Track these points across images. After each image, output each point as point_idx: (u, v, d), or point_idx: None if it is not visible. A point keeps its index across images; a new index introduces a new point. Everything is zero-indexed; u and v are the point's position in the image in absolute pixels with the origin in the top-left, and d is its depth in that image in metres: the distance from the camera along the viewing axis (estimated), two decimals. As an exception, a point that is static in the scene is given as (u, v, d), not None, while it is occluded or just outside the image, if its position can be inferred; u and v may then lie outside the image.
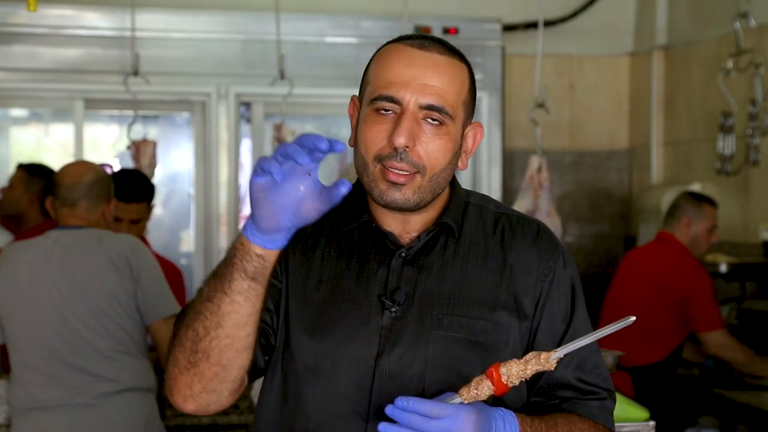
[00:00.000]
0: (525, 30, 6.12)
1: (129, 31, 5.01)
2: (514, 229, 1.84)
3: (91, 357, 3.28)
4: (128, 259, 3.36)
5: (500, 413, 1.67)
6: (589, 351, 1.81)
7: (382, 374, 1.72)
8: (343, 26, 5.48)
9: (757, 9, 5.07)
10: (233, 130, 5.44)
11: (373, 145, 1.74)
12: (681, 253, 4.68)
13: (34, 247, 3.40)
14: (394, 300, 1.75)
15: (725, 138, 5.25)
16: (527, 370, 1.62)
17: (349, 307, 1.76)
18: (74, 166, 3.62)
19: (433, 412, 1.59)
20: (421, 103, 1.73)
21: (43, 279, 3.32)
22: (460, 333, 1.74)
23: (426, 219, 1.82)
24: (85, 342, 3.28)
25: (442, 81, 1.75)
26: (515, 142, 6.24)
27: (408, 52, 1.77)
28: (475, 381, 1.63)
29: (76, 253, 3.35)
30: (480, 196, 1.91)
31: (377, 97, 1.74)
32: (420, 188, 1.74)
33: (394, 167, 1.72)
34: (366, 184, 1.77)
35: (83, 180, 3.47)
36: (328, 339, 1.75)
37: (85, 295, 3.30)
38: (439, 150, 1.74)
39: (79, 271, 3.32)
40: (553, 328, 1.80)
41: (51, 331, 3.28)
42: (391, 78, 1.74)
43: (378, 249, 1.80)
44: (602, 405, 1.82)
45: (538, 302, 1.80)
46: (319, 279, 1.80)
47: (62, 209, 3.46)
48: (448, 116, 1.74)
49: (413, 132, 1.72)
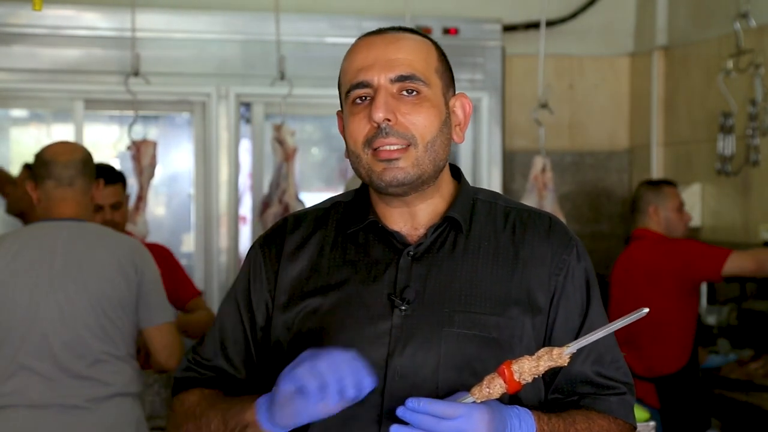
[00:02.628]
0: (525, 30, 6.12)
1: (129, 32, 5.01)
2: (525, 223, 1.81)
3: (88, 360, 3.18)
4: (134, 261, 3.27)
5: (515, 412, 1.64)
6: (607, 345, 1.79)
7: (393, 375, 1.70)
8: (343, 26, 5.48)
9: (757, 9, 5.07)
10: (233, 130, 5.43)
11: (359, 132, 1.74)
12: (662, 239, 4.63)
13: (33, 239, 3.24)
14: (404, 298, 1.73)
15: (725, 138, 5.25)
16: (540, 366, 1.59)
17: (358, 310, 1.75)
18: (62, 145, 3.41)
19: (445, 413, 1.56)
20: (390, 77, 1.73)
21: (45, 275, 3.18)
22: (472, 330, 1.72)
23: (433, 212, 1.80)
24: (83, 344, 3.18)
25: (406, 52, 1.76)
26: (515, 143, 6.24)
27: (367, 40, 1.79)
28: (487, 379, 1.60)
29: (81, 251, 3.23)
30: (489, 192, 1.89)
31: (350, 89, 1.75)
32: (417, 159, 1.73)
33: (382, 144, 1.71)
34: (364, 175, 1.77)
35: (77, 157, 3.29)
36: (338, 342, 1.71)
37: (90, 296, 3.19)
38: (424, 118, 1.74)
39: (85, 270, 3.20)
40: (570, 322, 1.77)
41: (51, 330, 3.16)
42: (357, 66, 1.76)
43: (386, 249, 1.79)
44: (622, 400, 1.79)
45: (554, 296, 1.77)
46: (327, 285, 1.78)
47: (57, 191, 3.24)
48: (422, 82, 1.74)
49: (390, 105, 1.72)
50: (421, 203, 1.79)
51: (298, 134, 5.31)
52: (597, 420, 1.74)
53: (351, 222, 1.83)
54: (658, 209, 4.68)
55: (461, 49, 5.59)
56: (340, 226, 1.84)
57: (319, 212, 1.89)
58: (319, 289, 1.79)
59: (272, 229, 1.91)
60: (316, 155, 6.47)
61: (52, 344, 3.17)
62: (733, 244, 5.56)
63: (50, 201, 3.26)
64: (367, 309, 1.75)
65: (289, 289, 1.81)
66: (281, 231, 1.88)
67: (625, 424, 1.79)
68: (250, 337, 1.85)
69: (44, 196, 3.27)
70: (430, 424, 1.56)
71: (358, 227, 1.81)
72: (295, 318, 1.79)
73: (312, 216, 1.88)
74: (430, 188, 1.79)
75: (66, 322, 3.18)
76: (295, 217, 1.90)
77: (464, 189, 1.85)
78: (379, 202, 1.81)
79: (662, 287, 4.54)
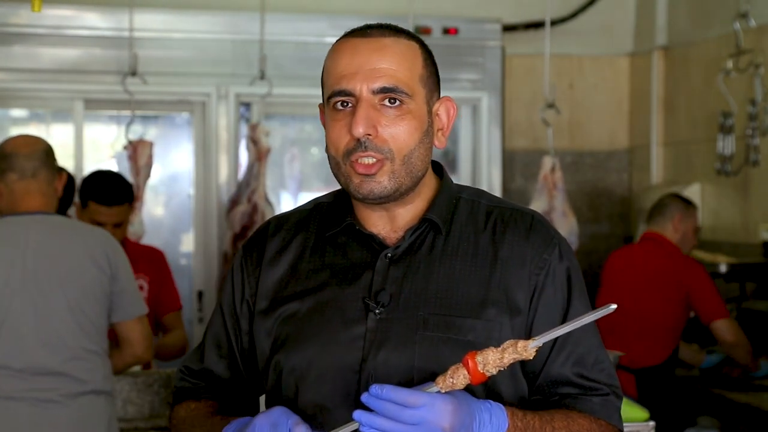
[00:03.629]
0: (525, 30, 6.12)
1: (128, 32, 5.01)
2: (507, 222, 1.78)
3: (64, 356, 3.11)
4: (107, 254, 3.20)
5: (487, 406, 1.61)
6: (590, 346, 1.76)
7: (368, 379, 1.67)
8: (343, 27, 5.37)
9: (757, 9, 5.06)
10: (233, 130, 5.43)
11: (339, 142, 1.73)
12: (675, 250, 4.74)
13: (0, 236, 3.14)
14: (378, 301, 1.71)
15: (725, 138, 5.24)
16: (504, 358, 1.55)
17: (333, 314, 1.73)
18: (22, 138, 3.31)
19: (408, 401, 1.53)
20: (372, 89, 1.71)
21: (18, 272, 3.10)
22: (447, 333, 1.69)
23: (412, 215, 1.78)
24: (59, 340, 3.11)
25: (390, 62, 1.73)
26: (515, 143, 6.24)
27: (351, 43, 1.77)
28: (452, 369, 1.56)
29: (52, 246, 3.15)
30: (474, 191, 1.86)
31: (331, 95, 1.74)
32: (394, 173, 1.71)
33: (361, 157, 1.70)
34: (342, 183, 1.76)
35: (39, 148, 3.19)
36: (312, 347, 1.71)
37: (65, 291, 3.12)
38: (404, 131, 1.72)
39: (59, 266, 3.13)
40: (550, 322, 1.72)
41: (25, 327, 3.09)
42: (340, 72, 1.74)
43: (363, 252, 1.77)
44: (605, 401, 1.75)
45: (533, 296, 1.74)
46: (304, 290, 1.77)
47: (20, 183, 3.16)
48: (405, 94, 1.72)
49: (371, 119, 1.70)
50: (400, 208, 1.78)
51: (297, 134, 5.31)
52: (577, 419, 1.71)
53: (330, 224, 1.82)
54: (682, 221, 4.77)
55: (461, 49, 5.59)
56: (320, 229, 1.83)
57: (302, 214, 1.88)
58: (296, 294, 1.77)
59: (256, 232, 1.90)
60: (316, 155, 6.47)
61: (27, 341, 3.10)
62: (732, 244, 5.57)
63: (14, 195, 3.19)
64: (342, 313, 1.73)
65: (269, 294, 1.80)
66: (263, 235, 1.87)
67: (608, 425, 1.75)
68: (234, 342, 1.85)
69: (7, 189, 3.19)
70: (392, 412, 1.53)
71: (335, 230, 1.80)
72: (274, 324, 1.77)
73: (294, 219, 1.87)
74: (409, 195, 1.77)
75: (40, 319, 3.10)
76: (278, 220, 1.89)
77: (445, 188, 1.82)
78: (359, 204, 1.80)
79: (660, 293, 4.64)
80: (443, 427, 1.54)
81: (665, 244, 4.74)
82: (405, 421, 1.53)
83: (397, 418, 1.53)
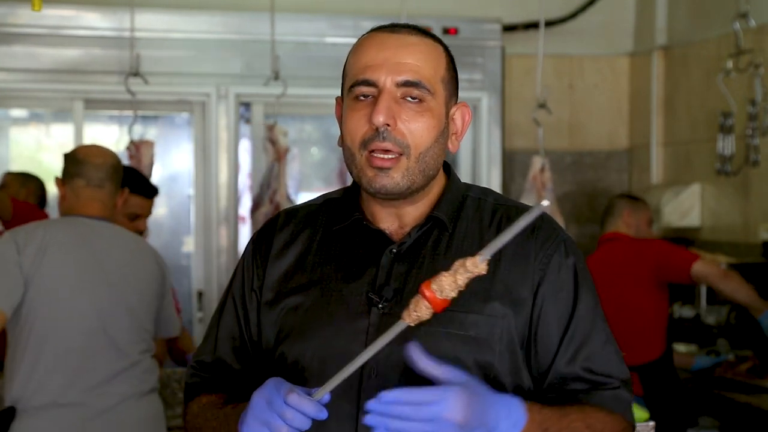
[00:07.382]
0: (525, 30, 6.12)
1: (128, 32, 5.01)
2: (512, 220, 1.75)
3: (123, 362, 3.20)
4: (163, 268, 3.37)
5: (505, 400, 1.61)
6: (598, 341, 1.76)
7: (370, 373, 1.69)
8: (342, 26, 5.48)
9: (757, 9, 5.06)
10: (233, 130, 5.43)
11: (357, 131, 1.74)
12: (631, 239, 4.77)
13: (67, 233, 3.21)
14: (382, 296, 1.73)
15: (725, 138, 5.24)
16: (458, 279, 1.55)
17: (337, 307, 1.75)
18: (96, 148, 3.43)
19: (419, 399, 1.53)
20: (397, 81, 1.73)
21: (81, 276, 3.17)
22: (450, 328, 1.70)
23: (420, 212, 1.80)
24: (118, 347, 3.19)
25: (416, 58, 1.75)
26: (515, 143, 6.24)
27: (379, 37, 1.78)
28: (413, 302, 1.57)
29: (119, 251, 3.25)
30: (481, 189, 1.88)
31: (354, 84, 1.75)
32: (408, 170, 1.73)
33: (378, 148, 1.71)
34: (355, 175, 1.77)
35: (108, 161, 3.32)
36: (316, 340, 1.73)
37: (126, 298, 3.21)
38: (423, 127, 1.73)
39: (124, 269, 3.23)
40: (556, 318, 1.74)
41: (87, 334, 3.15)
42: (365, 63, 1.75)
43: (369, 247, 1.79)
44: (616, 394, 1.76)
45: (537, 292, 1.75)
46: (309, 282, 1.79)
47: (86, 190, 3.26)
48: (427, 91, 1.74)
49: (392, 110, 1.71)
50: (409, 206, 1.79)
51: (297, 134, 5.31)
52: (591, 412, 1.71)
53: (339, 219, 1.83)
54: (631, 215, 4.81)
55: (461, 49, 5.59)
56: (329, 224, 1.84)
57: (311, 208, 1.90)
58: (301, 286, 1.79)
59: (265, 224, 1.92)
60: (316, 155, 6.47)
61: (90, 349, 3.16)
62: (732, 244, 5.57)
63: (78, 200, 3.28)
64: (346, 306, 1.74)
65: (275, 286, 1.82)
66: (272, 227, 1.89)
67: (621, 418, 1.76)
68: (245, 332, 1.86)
69: (72, 194, 3.29)
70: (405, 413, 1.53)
71: (343, 224, 1.82)
72: (278, 315, 1.80)
73: (303, 212, 1.89)
74: (419, 194, 1.79)
75: (105, 327, 3.18)
76: (287, 213, 1.91)
77: (453, 186, 1.84)
78: (368, 200, 1.81)
79: (636, 283, 4.64)
80: (457, 420, 1.53)
81: (621, 238, 4.77)
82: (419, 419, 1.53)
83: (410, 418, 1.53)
